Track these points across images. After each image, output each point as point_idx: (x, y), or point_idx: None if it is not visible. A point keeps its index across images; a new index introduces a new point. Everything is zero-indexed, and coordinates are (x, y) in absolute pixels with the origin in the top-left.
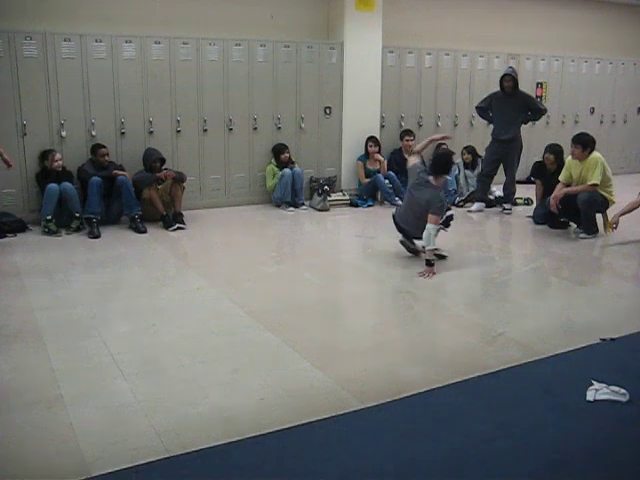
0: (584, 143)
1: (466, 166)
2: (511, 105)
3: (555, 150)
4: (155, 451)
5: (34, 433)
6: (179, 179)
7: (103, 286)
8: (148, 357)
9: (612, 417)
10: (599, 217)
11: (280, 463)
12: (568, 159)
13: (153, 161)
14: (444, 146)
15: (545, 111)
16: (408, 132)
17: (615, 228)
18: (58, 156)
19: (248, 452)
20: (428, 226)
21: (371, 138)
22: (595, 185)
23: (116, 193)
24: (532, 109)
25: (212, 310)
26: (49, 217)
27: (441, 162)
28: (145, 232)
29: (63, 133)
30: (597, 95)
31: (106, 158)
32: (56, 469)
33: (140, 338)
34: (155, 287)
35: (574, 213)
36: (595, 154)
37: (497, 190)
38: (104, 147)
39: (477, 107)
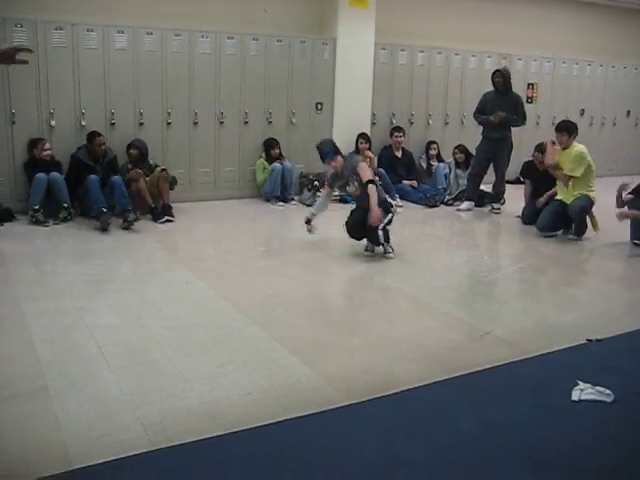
0: (569, 129)
1: (458, 165)
2: (503, 104)
3: (545, 149)
4: (141, 444)
5: (18, 425)
6: (171, 182)
7: (91, 277)
8: (135, 349)
9: (597, 417)
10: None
11: (266, 458)
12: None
13: (127, 148)
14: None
15: (523, 123)
16: (398, 129)
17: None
18: (47, 145)
19: (234, 446)
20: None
21: (362, 135)
22: (573, 177)
23: (109, 189)
24: (517, 113)
25: (200, 304)
26: (37, 207)
27: (322, 149)
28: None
29: (52, 122)
30: (587, 97)
31: (102, 147)
32: (40, 461)
33: (127, 330)
34: (143, 280)
35: (565, 221)
36: (580, 147)
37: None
38: (101, 135)
39: (475, 115)
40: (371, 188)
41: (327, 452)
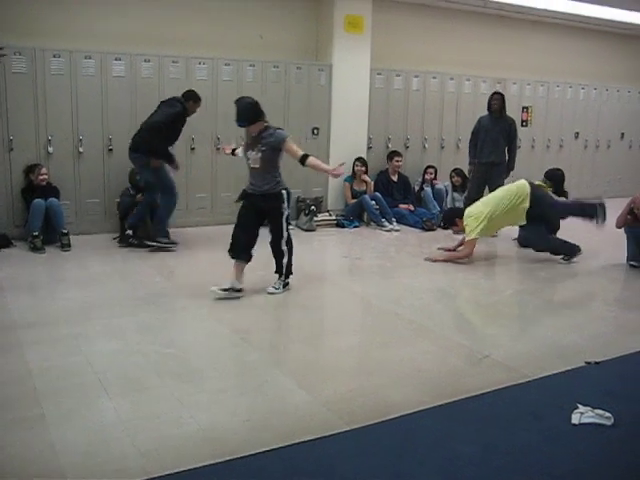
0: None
1: (455, 189)
2: (497, 127)
3: (554, 178)
4: (138, 472)
5: (15, 453)
6: None
7: (87, 304)
8: (132, 376)
9: (597, 440)
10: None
11: None
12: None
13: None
14: None
15: (514, 151)
16: (397, 153)
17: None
18: (44, 170)
19: (233, 473)
20: None
21: (359, 159)
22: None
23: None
24: (510, 138)
25: (197, 329)
26: (36, 233)
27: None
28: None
29: (50, 149)
30: (581, 120)
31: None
32: None
33: (125, 357)
34: (140, 305)
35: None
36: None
37: None
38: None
39: (470, 141)
40: (311, 158)
41: (327, 478)
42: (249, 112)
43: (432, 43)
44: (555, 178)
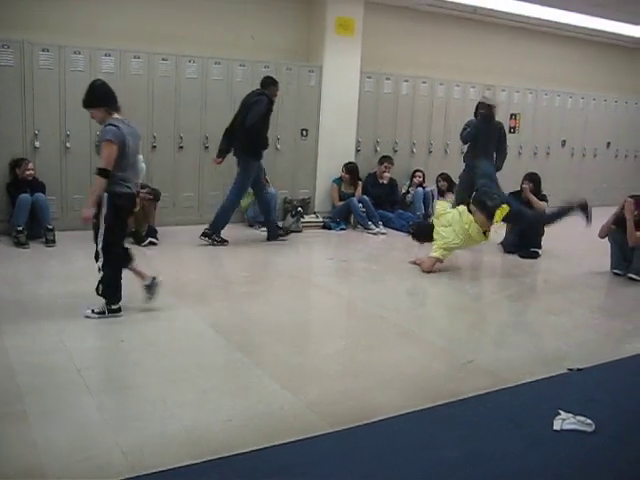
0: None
1: (441, 193)
2: (487, 133)
3: (534, 179)
4: (120, 470)
5: None
6: (154, 197)
7: (71, 299)
8: (116, 374)
9: (578, 447)
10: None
11: None
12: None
13: None
14: None
15: (503, 152)
16: (388, 158)
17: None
18: (30, 165)
19: (216, 473)
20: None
21: (346, 165)
22: None
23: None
24: (499, 146)
25: (182, 329)
26: (20, 228)
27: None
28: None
29: (37, 143)
30: (569, 128)
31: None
32: None
33: (108, 355)
34: (124, 303)
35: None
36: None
37: None
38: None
39: (461, 135)
40: (98, 180)
41: None
42: (87, 94)
43: (422, 48)
44: (535, 179)
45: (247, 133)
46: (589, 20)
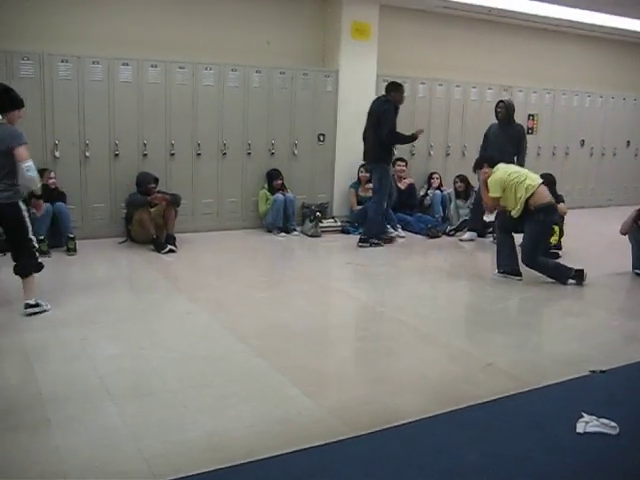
0: (477, 164)
1: (458, 195)
2: (505, 134)
3: (549, 180)
4: (142, 476)
5: (19, 457)
6: (174, 202)
7: (93, 308)
8: (137, 381)
9: (602, 450)
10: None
11: None
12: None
13: (148, 183)
14: None
15: (523, 152)
16: (400, 158)
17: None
18: (52, 174)
19: (236, 479)
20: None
21: (363, 165)
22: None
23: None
24: (519, 147)
25: (202, 335)
26: (42, 237)
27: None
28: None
29: (57, 153)
30: (587, 128)
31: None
32: None
33: (129, 361)
34: (145, 310)
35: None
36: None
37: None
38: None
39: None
40: None
41: None
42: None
43: (438, 50)
44: (550, 180)
45: (381, 143)
46: (606, 18)
